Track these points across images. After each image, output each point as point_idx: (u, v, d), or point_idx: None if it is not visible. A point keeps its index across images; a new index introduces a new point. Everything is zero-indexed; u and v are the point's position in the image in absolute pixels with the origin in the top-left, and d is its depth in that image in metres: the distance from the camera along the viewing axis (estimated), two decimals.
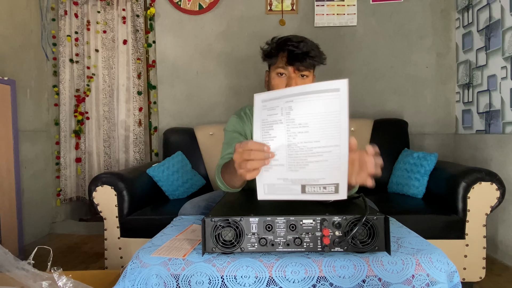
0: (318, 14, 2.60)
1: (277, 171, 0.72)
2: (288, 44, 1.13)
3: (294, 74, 1.14)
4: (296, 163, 0.70)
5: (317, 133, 0.68)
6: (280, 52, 1.15)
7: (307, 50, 1.11)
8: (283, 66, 1.15)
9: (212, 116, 2.70)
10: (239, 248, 0.78)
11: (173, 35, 2.71)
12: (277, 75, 1.18)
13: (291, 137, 0.70)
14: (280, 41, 1.17)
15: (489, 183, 1.65)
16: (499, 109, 2.08)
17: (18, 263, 0.97)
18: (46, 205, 2.76)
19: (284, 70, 1.15)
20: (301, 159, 0.70)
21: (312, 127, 0.68)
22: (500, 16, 2.06)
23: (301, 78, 1.16)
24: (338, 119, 0.66)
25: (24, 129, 2.51)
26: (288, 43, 1.13)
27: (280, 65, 1.15)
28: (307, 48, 1.12)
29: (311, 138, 0.68)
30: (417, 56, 2.57)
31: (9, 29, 2.41)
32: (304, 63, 1.12)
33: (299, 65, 1.12)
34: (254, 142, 0.73)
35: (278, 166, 0.72)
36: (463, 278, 1.67)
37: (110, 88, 2.73)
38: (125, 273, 0.81)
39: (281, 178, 0.72)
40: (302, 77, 1.16)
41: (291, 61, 1.13)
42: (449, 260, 0.77)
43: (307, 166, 0.69)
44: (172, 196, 2.15)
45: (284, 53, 1.14)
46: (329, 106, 0.66)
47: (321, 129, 0.67)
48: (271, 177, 0.73)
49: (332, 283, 0.73)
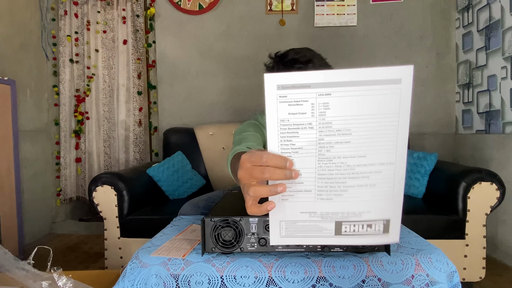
0: (318, 14, 2.60)
1: (301, 200, 0.49)
2: (295, 67, 1.07)
3: None
4: (329, 189, 0.47)
5: (362, 145, 0.46)
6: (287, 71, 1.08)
7: (314, 65, 1.05)
8: None
9: (212, 116, 2.70)
10: (239, 248, 0.78)
11: (173, 35, 2.71)
12: None
13: (324, 149, 0.46)
14: (287, 60, 1.09)
15: (489, 183, 1.65)
16: (499, 109, 2.08)
17: (18, 263, 0.97)
18: (46, 205, 2.76)
19: None
20: (337, 183, 0.47)
21: (356, 135, 0.46)
22: (500, 16, 2.06)
23: None
24: (395, 125, 0.45)
25: (24, 129, 2.51)
26: (295, 66, 1.07)
27: None
28: (316, 64, 1.07)
29: (353, 152, 0.46)
30: (417, 56, 2.57)
31: (9, 29, 2.41)
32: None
33: None
34: (272, 154, 0.48)
35: (302, 193, 0.48)
36: (463, 278, 1.67)
37: (110, 88, 2.73)
38: (124, 273, 0.81)
39: (306, 212, 0.49)
40: None
41: None
42: (448, 260, 0.77)
43: (346, 193, 0.47)
44: (172, 196, 2.15)
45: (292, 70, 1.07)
46: (384, 105, 0.45)
47: (369, 138, 0.46)
48: (291, 210, 0.49)
49: (332, 283, 0.73)
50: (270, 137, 0.47)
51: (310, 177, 0.47)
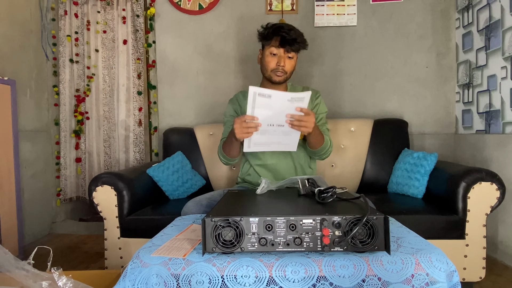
0: (318, 14, 2.60)
1: (259, 135, 1.24)
2: (282, 31, 1.44)
3: (284, 55, 1.47)
4: (271, 131, 1.25)
5: (282, 119, 1.21)
6: (274, 36, 1.46)
7: (295, 37, 1.45)
8: (276, 47, 1.46)
9: (212, 116, 2.70)
10: (239, 248, 0.78)
11: (173, 35, 2.71)
12: (270, 54, 1.49)
13: (269, 118, 1.21)
14: (275, 27, 1.47)
15: (489, 183, 1.65)
16: (499, 109, 2.08)
17: (18, 263, 0.97)
18: (46, 205, 2.76)
19: (276, 51, 1.47)
20: (273, 130, 1.25)
21: (282, 116, 1.21)
22: (500, 16, 2.06)
23: (288, 58, 1.49)
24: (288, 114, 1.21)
25: (24, 129, 2.51)
26: (282, 30, 1.44)
27: (273, 46, 1.47)
28: (296, 35, 1.45)
29: (280, 122, 1.23)
30: (417, 56, 2.57)
31: (9, 29, 2.41)
32: (292, 47, 1.45)
33: (289, 48, 1.45)
34: (248, 115, 1.19)
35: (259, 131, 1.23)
36: (463, 278, 1.67)
37: (110, 88, 2.73)
38: (125, 273, 0.81)
39: (260, 137, 1.26)
40: (289, 58, 1.49)
41: (283, 45, 1.45)
42: (448, 259, 0.77)
43: (275, 135, 1.27)
44: (172, 196, 2.15)
45: (278, 37, 1.45)
46: (289, 106, 1.19)
47: (283, 118, 1.21)
48: (255, 138, 1.24)
49: (332, 282, 0.73)
50: (249, 110, 1.17)
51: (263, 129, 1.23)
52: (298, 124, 1.20)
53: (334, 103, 2.59)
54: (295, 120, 1.19)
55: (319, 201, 0.96)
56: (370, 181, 2.25)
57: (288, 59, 1.48)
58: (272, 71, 1.49)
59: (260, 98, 1.11)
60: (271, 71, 1.49)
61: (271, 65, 1.48)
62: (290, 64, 1.50)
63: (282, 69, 1.47)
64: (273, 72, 1.49)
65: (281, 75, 1.49)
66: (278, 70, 1.47)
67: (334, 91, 2.61)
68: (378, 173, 2.24)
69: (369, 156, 2.27)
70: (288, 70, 1.50)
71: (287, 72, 1.50)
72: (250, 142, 1.23)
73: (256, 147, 1.27)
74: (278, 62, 1.46)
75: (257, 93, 1.10)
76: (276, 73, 1.49)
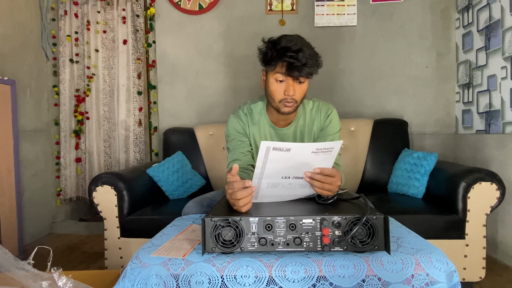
0: (318, 14, 2.60)
1: (270, 188, 0.98)
2: (288, 55, 1.14)
3: (292, 82, 1.19)
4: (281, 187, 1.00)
5: (295, 173, 0.95)
6: (279, 61, 1.17)
7: (305, 61, 1.14)
8: (282, 74, 1.19)
9: (212, 116, 2.70)
10: (239, 247, 0.78)
11: (173, 35, 2.71)
12: (275, 81, 1.21)
13: (278, 175, 0.94)
14: (279, 48, 1.17)
15: (489, 183, 1.65)
16: (499, 109, 2.08)
17: (18, 263, 0.97)
18: (46, 205, 2.76)
19: (283, 78, 1.19)
20: (285, 187, 1.01)
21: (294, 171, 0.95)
22: (500, 16, 2.06)
23: (299, 84, 1.21)
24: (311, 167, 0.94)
25: (24, 129, 2.51)
26: (288, 54, 1.14)
27: (279, 72, 1.19)
28: (306, 59, 1.14)
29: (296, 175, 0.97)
30: (417, 56, 2.57)
31: (9, 29, 2.41)
32: (302, 73, 1.16)
33: (298, 75, 1.17)
34: (237, 182, 0.88)
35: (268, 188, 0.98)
36: (463, 278, 1.67)
37: (110, 88, 2.73)
38: (125, 273, 0.81)
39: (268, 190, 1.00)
40: (300, 83, 1.21)
41: (290, 72, 1.16)
42: (448, 260, 0.77)
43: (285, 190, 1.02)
44: (172, 196, 2.15)
45: (284, 62, 1.16)
46: (313, 158, 0.92)
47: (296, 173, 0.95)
48: (264, 191, 0.98)
49: (332, 282, 0.73)
50: (255, 178, 0.92)
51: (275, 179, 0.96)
52: (320, 187, 0.94)
53: (334, 103, 2.57)
54: (315, 180, 0.93)
55: (319, 201, 0.96)
56: (370, 181, 2.25)
57: (298, 85, 1.20)
58: (281, 102, 1.22)
59: (275, 153, 0.86)
60: (279, 102, 1.23)
61: (277, 95, 1.22)
62: (301, 90, 1.22)
63: (292, 98, 1.20)
64: (282, 103, 1.22)
65: (291, 105, 1.22)
66: (287, 101, 1.21)
67: (334, 91, 2.61)
68: (378, 173, 2.24)
69: (369, 156, 2.27)
70: (299, 98, 1.23)
71: (298, 100, 1.23)
72: (258, 194, 0.98)
73: (265, 198, 1.00)
74: (286, 91, 1.19)
75: (271, 148, 0.86)
76: (285, 104, 1.22)
